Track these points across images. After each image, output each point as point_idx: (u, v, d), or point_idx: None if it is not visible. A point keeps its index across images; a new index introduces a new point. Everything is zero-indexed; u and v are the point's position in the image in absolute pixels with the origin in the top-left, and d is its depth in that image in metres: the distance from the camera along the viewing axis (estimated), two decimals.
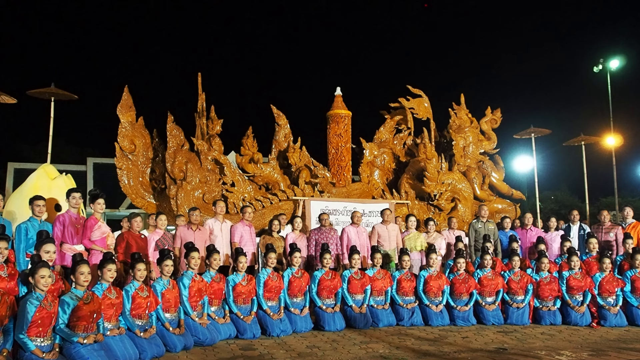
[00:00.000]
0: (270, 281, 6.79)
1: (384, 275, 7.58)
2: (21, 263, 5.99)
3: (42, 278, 4.62)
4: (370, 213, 10.45)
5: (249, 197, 10.35)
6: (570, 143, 13.81)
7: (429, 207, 11.70)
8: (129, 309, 5.49)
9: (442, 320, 7.37)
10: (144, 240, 7.33)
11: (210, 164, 10.31)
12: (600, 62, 18.74)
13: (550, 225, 9.43)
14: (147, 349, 5.28)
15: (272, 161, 11.09)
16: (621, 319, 7.57)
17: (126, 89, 10.07)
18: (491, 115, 12.71)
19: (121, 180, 10.05)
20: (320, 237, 8.31)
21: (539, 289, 7.74)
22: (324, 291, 7.17)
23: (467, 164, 12.13)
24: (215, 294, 6.47)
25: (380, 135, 12.51)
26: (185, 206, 9.49)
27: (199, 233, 7.80)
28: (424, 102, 12.48)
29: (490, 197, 12.10)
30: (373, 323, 7.19)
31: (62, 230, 6.36)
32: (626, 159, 26.25)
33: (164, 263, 6.03)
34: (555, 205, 28.35)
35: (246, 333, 6.35)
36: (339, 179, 11.49)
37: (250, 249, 8.01)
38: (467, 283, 7.64)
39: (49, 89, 9.25)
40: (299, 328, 6.73)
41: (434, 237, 9.03)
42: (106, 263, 5.38)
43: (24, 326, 4.48)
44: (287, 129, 11.50)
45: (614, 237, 8.98)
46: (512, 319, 7.53)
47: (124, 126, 10.04)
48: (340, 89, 11.98)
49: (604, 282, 7.79)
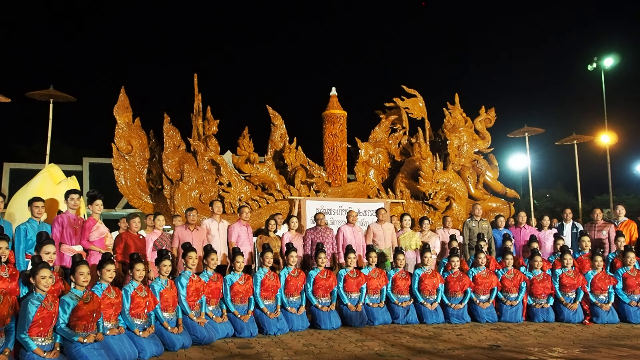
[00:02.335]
0: (267, 280, 6.87)
1: (379, 274, 7.67)
2: (20, 264, 6.05)
3: (43, 279, 4.70)
4: (365, 212, 10.53)
5: (246, 197, 10.42)
6: (563, 142, 13.93)
7: (423, 206, 11.79)
8: (128, 308, 5.56)
9: (436, 318, 7.46)
10: (142, 241, 7.39)
11: (206, 165, 10.37)
12: (595, 60, 18.87)
13: (543, 223, 9.54)
14: (146, 347, 5.36)
15: (268, 161, 11.15)
16: (613, 316, 7.68)
17: (122, 90, 10.12)
18: (485, 115, 12.81)
19: (118, 181, 10.10)
20: (316, 236, 8.39)
21: (533, 286, 7.85)
22: (320, 290, 7.26)
23: (462, 163, 12.23)
24: (212, 293, 6.54)
25: (376, 135, 12.59)
26: (182, 206, 9.56)
27: (196, 233, 7.87)
28: (418, 101, 12.58)
29: (485, 195, 12.21)
30: (369, 321, 7.28)
31: (60, 231, 6.42)
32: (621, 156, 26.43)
33: (162, 263, 6.10)
34: (551, 203, 28.52)
35: (243, 332, 6.43)
36: (334, 179, 11.58)
37: (247, 249, 8.09)
38: (461, 281, 7.74)
39: (47, 90, 9.29)
40: (296, 326, 6.82)
41: (429, 235, 9.11)
42: (105, 263, 5.46)
43: (25, 326, 4.55)
44: (282, 129, 11.56)
45: (606, 235, 9.10)
46: (505, 317, 7.62)
47: (121, 127, 10.08)
48: (335, 89, 12.06)
49: (596, 279, 7.90)
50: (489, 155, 12.74)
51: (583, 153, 13.78)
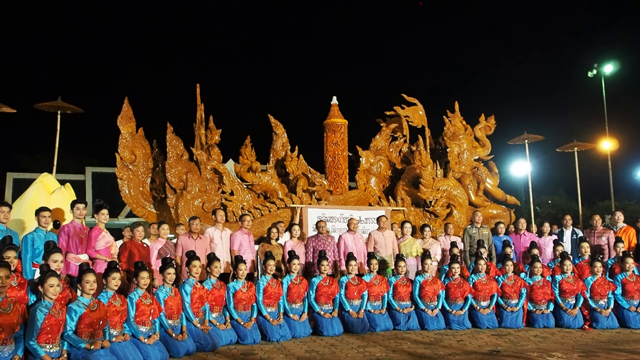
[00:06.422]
0: (269, 288, 6.96)
1: (381, 281, 7.75)
2: (28, 272, 6.16)
3: (51, 287, 4.82)
4: (366, 220, 10.61)
5: (248, 206, 10.52)
6: (564, 149, 14.01)
7: (424, 213, 11.86)
8: (134, 316, 5.66)
9: (437, 324, 7.53)
10: (146, 249, 7.49)
11: (209, 174, 10.47)
12: (595, 67, 18.98)
13: (543, 230, 9.62)
14: (151, 354, 5.45)
15: (270, 170, 11.24)
16: (612, 321, 7.74)
17: (126, 100, 10.23)
18: (485, 123, 12.89)
19: (122, 190, 10.19)
20: (318, 244, 8.49)
21: (533, 292, 7.92)
22: (322, 297, 7.34)
23: (462, 171, 12.30)
24: (216, 300, 6.64)
25: (376, 143, 12.68)
26: (185, 215, 9.65)
27: (199, 242, 7.97)
28: (418, 110, 12.67)
29: (485, 202, 12.27)
30: (370, 328, 7.36)
31: (67, 240, 6.54)
32: (622, 163, 26.47)
33: (166, 271, 6.20)
34: (553, 209, 28.50)
35: (247, 338, 6.51)
36: (336, 187, 11.66)
37: (249, 257, 8.18)
38: (462, 288, 7.82)
39: (55, 102, 9.39)
40: (298, 333, 6.89)
41: (430, 243, 9.19)
42: (111, 272, 5.57)
43: (34, 333, 4.66)
44: (284, 138, 11.66)
45: (605, 241, 9.17)
46: (506, 323, 7.69)
47: (125, 137, 10.19)
48: (336, 98, 12.16)
49: (596, 285, 7.96)
50: (489, 163, 12.81)
51: (585, 159, 13.85)
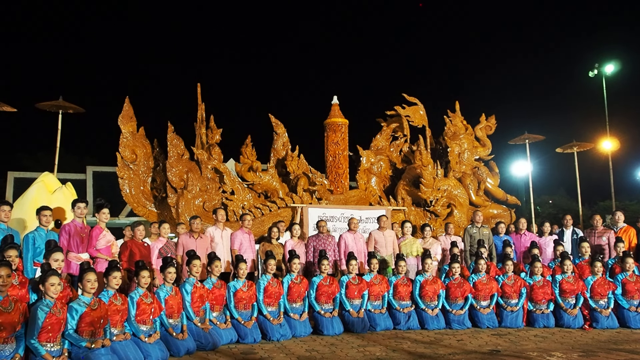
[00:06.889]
0: (270, 287, 6.98)
1: (381, 281, 7.76)
2: (29, 271, 6.18)
3: (52, 286, 4.83)
4: (367, 219, 10.62)
5: (249, 205, 10.52)
6: (564, 149, 14.00)
7: (425, 213, 11.86)
8: (134, 315, 5.67)
9: (437, 324, 7.55)
10: (146, 248, 7.51)
11: (210, 173, 10.49)
12: (596, 67, 18.97)
13: (544, 230, 9.63)
14: (151, 353, 5.47)
15: (271, 169, 11.25)
16: (612, 321, 7.75)
17: (127, 99, 10.24)
18: (486, 122, 12.89)
19: (123, 189, 10.20)
20: (318, 243, 8.50)
21: (533, 292, 7.93)
22: (322, 296, 7.35)
23: (463, 171, 12.30)
24: (216, 300, 6.65)
25: (377, 142, 12.68)
26: (186, 214, 9.66)
27: (200, 241, 7.99)
28: (419, 109, 12.68)
29: (486, 202, 12.27)
30: (370, 327, 7.37)
31: (67, 239, 6.55)
32: (623, 163, 26.47)
33: (167, 270, 6.22)
34: (554, 209, 28.50)
35: (247, 338, 6.53)
36: (336, 186, 11.67)
37: (250, 256, 8.19)
38: (462, 287, 7.83)
39: (57, 102, 9.40)
40: (298, 332, 6.91)
41: (430, 242, 9.20)
42: (111, 271, 5.59)
43: (35, 332, 4.68)
44: (285, 137, 11.67)
45: (606, 241, 9.18)
46: (506, 322, 7.71)
47: (125, 136, 10.19)
48: (337, 98, 12.17)
49: (596, 285, 7.97)
50: (490, 162, 12.82)
51: (586, 159, 13.85)
